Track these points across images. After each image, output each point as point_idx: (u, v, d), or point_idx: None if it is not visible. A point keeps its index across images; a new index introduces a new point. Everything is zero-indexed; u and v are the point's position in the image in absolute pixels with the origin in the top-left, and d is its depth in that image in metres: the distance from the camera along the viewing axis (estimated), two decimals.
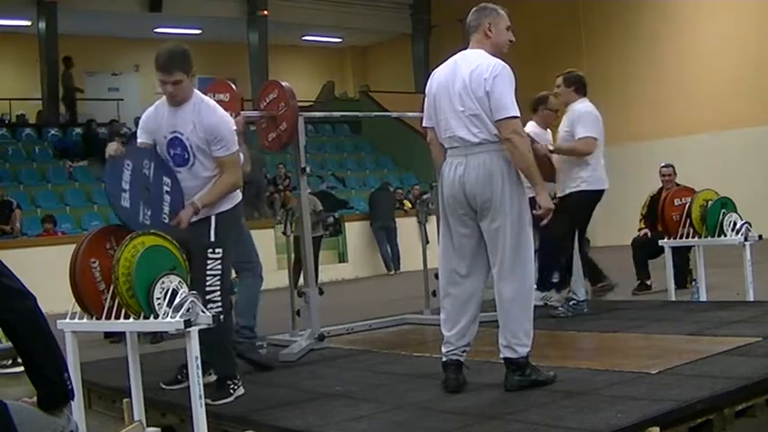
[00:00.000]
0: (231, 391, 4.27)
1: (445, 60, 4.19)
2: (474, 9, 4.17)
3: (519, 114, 3.93)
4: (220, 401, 4.16)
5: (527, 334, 3.96)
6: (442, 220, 4.17)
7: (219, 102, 5.41)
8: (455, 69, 4.05)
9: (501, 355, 3.98)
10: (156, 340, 6.89)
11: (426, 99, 4.21)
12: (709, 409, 3.43)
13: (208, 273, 4.22)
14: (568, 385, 3.91)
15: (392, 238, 15.70)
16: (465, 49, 4.17)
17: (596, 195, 6.30)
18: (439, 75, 4.15)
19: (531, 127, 6.49)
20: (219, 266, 4.27)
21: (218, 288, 4.24)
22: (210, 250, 4.26)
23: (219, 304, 4.20)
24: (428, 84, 4.21)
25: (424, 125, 4.26)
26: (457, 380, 4.03)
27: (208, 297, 4.12)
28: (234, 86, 5.63)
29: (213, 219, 4.32)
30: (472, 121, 3.95)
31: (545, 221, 4.07)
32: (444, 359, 4.10)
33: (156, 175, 4.26)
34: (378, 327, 6.65)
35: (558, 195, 6.31)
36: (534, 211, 4.06)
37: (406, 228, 14.97)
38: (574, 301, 6.31)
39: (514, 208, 3.95)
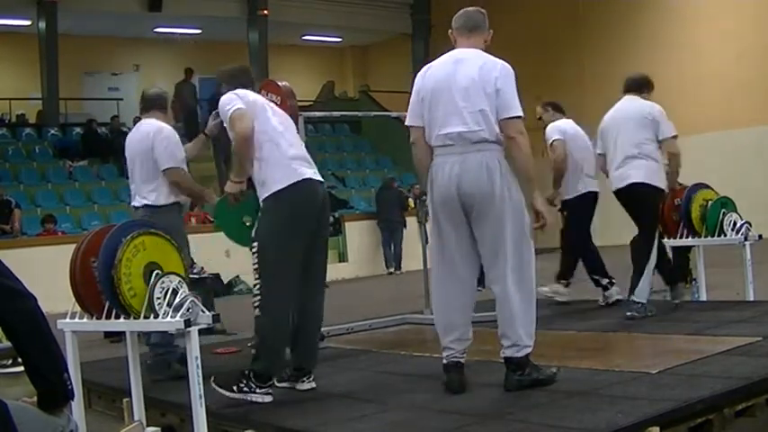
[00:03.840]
0: (234, 388, 4.04)
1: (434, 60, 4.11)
2: (477, 9, 4.14)
3: (523, 115, 3.93)
4: (218, 388, 3.99)
5: (530, 335, 3.95)
6: (433, 225, 4.06)
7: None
8: (455, 66, 3.98)
9: (503, 354, 3.95)
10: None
11: (415, 97, 4.09)
12: (709, 409, 3.43)
13: None
14: (568, 385, 3.90)
15: (396, 236, 15.56)
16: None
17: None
18: (435, 72, 4.05)
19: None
20: None
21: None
22: None
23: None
24: (419, 81, 4.09)
25: (409, 124, 4.12)
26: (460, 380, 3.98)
27: None
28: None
29: None
30: (475, 117, 3.88)
31: (541, 225, 4.03)
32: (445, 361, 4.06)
33: None
34: (378, 327, 6.65)
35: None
36: (534, 225, 4.04)
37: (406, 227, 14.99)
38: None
39: (515, 205, 3.91)
